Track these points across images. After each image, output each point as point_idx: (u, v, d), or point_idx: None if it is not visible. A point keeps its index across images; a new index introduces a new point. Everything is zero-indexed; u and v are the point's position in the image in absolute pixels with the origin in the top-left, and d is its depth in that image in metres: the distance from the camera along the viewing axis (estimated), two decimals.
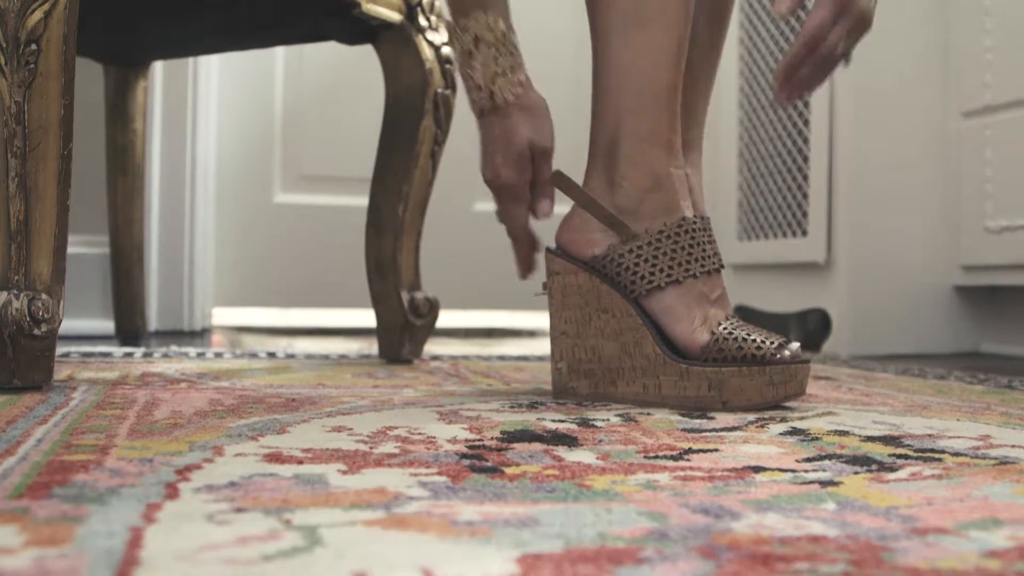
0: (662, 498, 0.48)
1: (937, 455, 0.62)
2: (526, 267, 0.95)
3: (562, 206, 0.88)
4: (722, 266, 0.87)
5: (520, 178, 0.89)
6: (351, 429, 0.68)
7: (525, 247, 0.94)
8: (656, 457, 0.60)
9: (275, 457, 0.57)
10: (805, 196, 1.71)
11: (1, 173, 0.86)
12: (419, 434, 0.66)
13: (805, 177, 1.72)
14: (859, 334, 1.62)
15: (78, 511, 0.42)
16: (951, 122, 1.66)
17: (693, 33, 0.89)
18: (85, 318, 1.71)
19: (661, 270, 0.85)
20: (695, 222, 0.86)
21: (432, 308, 1.30)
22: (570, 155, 1.01)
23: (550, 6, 2.22)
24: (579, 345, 0.87)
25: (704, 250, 0.86)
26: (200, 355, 1.29)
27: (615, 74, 0.86)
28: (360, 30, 1.28)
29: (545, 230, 0.93)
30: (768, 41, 1.82)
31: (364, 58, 1.45)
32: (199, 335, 1.81)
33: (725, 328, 0.83)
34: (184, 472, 0.52)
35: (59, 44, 0.86)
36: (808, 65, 0.87)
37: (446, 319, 1.81)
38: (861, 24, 0.87)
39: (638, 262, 0.85)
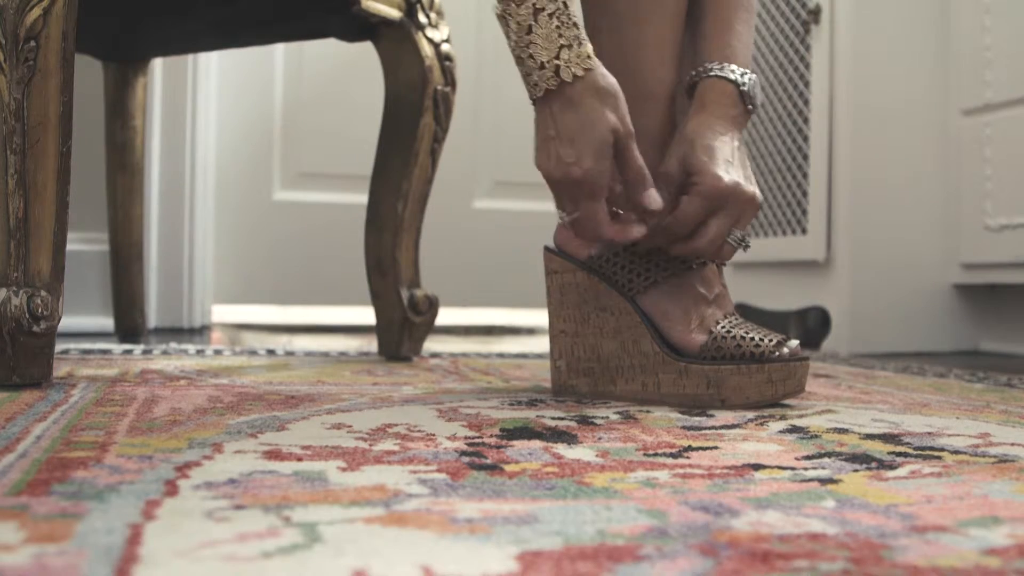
0: (661, 496, 0.48)
1: (937, 453, 0.62)
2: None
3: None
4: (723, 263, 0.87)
5: (606, 170, 0.77)
6: (351, 426, 0.68)
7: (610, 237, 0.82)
8: (655, 455, 0.60)
9: (274, 454, 0.57)
10: (805, 194, 1.71)
11: (0, 170, 0.85)
12: (418, 431, 0.66)
13: (805, 175, 1.72)
14: (858, 332, 1.62)
15: (77, 508, 0.42)
16: (951, 120, 1.66)
17: None
18: (84, 315, 1.71)
19: (657, 264, 0.85)
20: None
21: (431, 305, 1.30)
22: None
23: None
24: (578, 343, 0.87)
25: None
26: (199, 352, 1.29)
27: (611, 70, 0.85)
28: (360, 27, 1.28)
29: (546, 230, 0.92)
30: (768, 40, 1.82)
31: (364, 55, 1.45)
32: (198, 332, 1.81)
33: (723, 327, 0.83)
34: (183, 469, 0.52)
35: (58, 41, 0.86)
36: (680, 248, 0.82)
37: (445, 316, 1.81)
38: (750, 209, 0.82)
39: (633, 259, 0.85)
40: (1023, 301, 1.64)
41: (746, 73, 0.85)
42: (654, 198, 0.80)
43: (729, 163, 0.81)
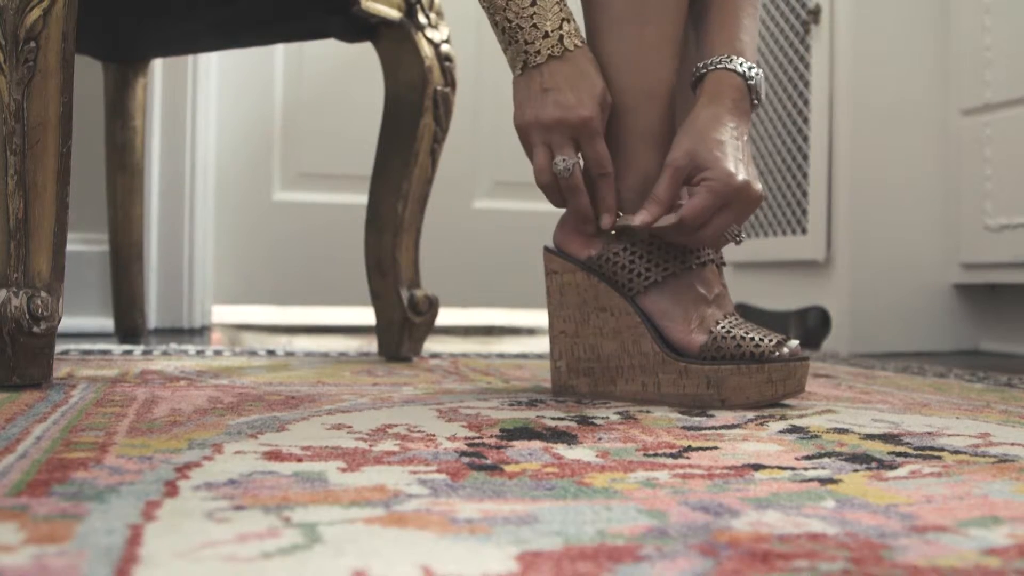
0: (661, 496, 0.48)
1: (936, 453, 0.62)
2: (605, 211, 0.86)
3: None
4: (722, 262, 0.87)
5: (600, 115, 0.83)
6: (350, 427, 0.68)
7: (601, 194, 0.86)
8: (656, 455, 0.60)
9: (274, 455, 0.57)
10: (805, 194, 1.71)
11: (0, 171, 0.85)
12: (418, 432, 0.66)
13: (805, 175, 1.72)
14: (858, 332, 1.62)
15: (77, 509, 0.42)
16: (951, 120, 1.66)
17: None
18: (84, 316, 1.71)
19: (657, 264, 0.85)
20: None
21: (431, 306, 1.30)
22: None
23: None
24: (578, 344, 0.87)
25: None
26: (199, 353, 1.29)
27: (610, 72, 0.85)
28: (359, 27, 1.28)
29: (546, 230, 0.92)
30: (768, 40, 1.82)
31: (363, 56, 1.45)
32: (198, 333, 1.81)
33: (723, 327, 0.83)
34: (184, 470, 0.52)
35: (58, 42, 0.86)
36: (679, 238, 0.83)
37: (445, 317, 1.81)
38: (754, 206, 0.83)
39: (633, 259, 0.85)
40: (1023, 301, 1.64)
41: (753, 67, 0.85)
42: (609, 203, 0.85)
43: (739, 160, 0.82)
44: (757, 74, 0.85)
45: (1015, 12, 1.54)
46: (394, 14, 1.24)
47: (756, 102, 0.86)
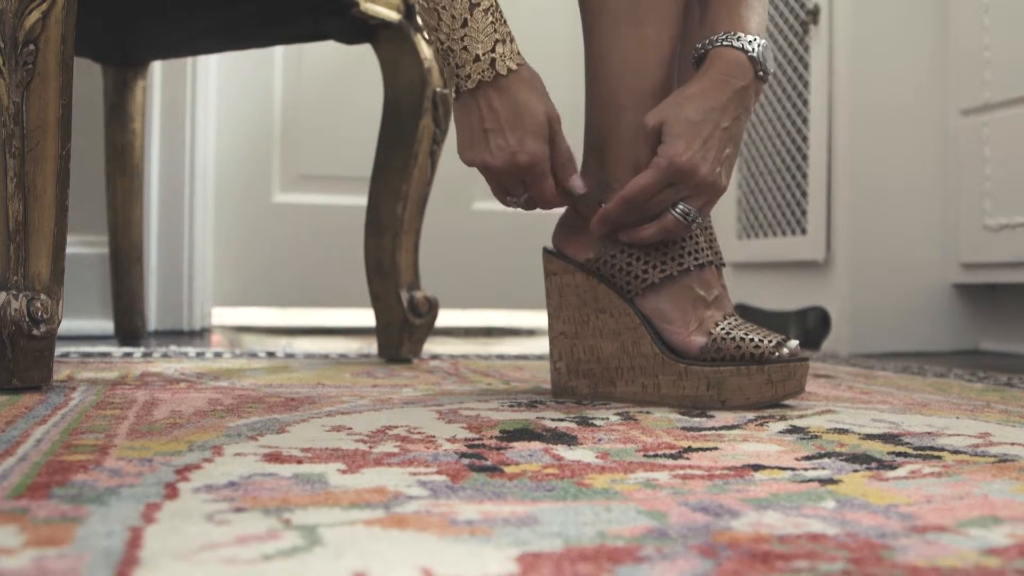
0: (661, 497, 0.48)
1: (936, 453, 0.62)
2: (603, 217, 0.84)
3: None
4: (722, 263, 0.87)
5: (546, 150, 0.81)
6: (350, 428, 0.68)
7: (584, 207, 0.85)
8: (655, 456, 0.60)
9: (274, 457, 0.56)
10: (804, 194, 1.71)
11: (0, 173, 0.85)
12: (418, 433, 0.66)
13: (804, 175, 1.72)
14: (858, 332, 1.62)
15: (77, 511, 0.42)
16: (950, 120, 1.66)
17: None
18: (84, 318, 1.71)
19: (654, 266, 0.84)
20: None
21: (431, 307, 1.30)
22: None
23: (546, 6, 2.22)
24: (578, 345, 0.87)
25: (697, 243, 0.85)
26: (199, 355, 1.29)
27: (607, 71, 0.85)
28: (359, 29, 1.28)
29: (545, 232, 0.92)
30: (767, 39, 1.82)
31: (363, 57, 1.45)
32: (198, 335, 1.81)
33: (723, 328, 0.83)
34: (183, 472, 0.52)
35: (57, 44, 0.86)
36: (633, 219, 0.83)
37: (445, 318, 1.81)
38: (706, 192, 0.82)
39: (631, 261, 0.85)
40: (1023, 301, 1.64)
41: (755, 40, 0.83)
42: (577, 183, 0.84)
43: (703, 140, 0.81)
44: (761, 46, 0.83)
45: (1014, 12, 1.54)
46: (393, 16, 1.24)
47: (762, 74, 0.84)
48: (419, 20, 1.26)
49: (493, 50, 0.79)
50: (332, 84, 2.14)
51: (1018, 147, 1.53)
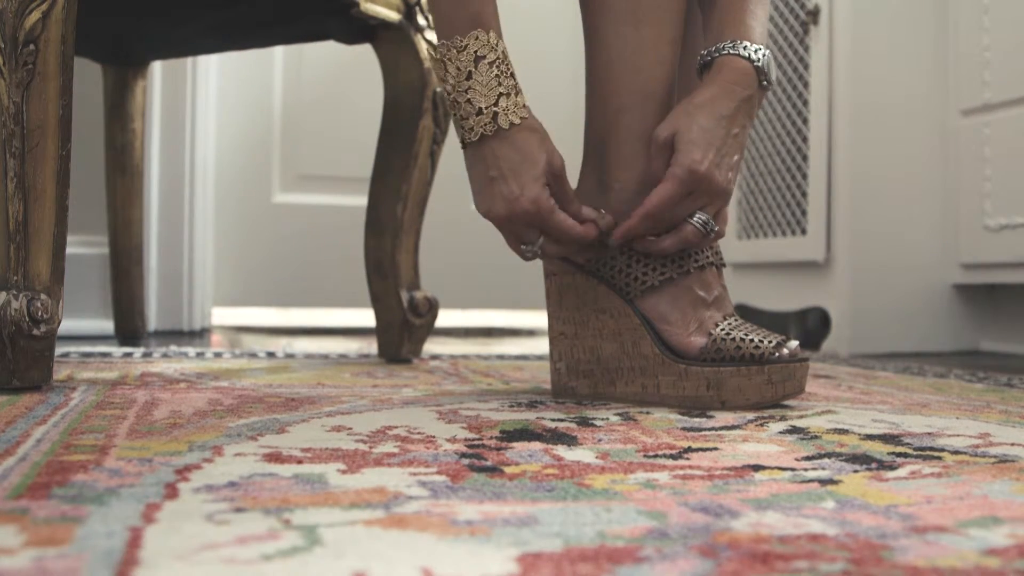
0: (661, 497, 0.48)
1: (936, 453, 0.62)
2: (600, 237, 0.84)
3: None
4: (722, 264, 0.87)
5: (547, 193, 0.80)
6: (350, 428, 0.68)
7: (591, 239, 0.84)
8: (655, 456, 0.60)
9: (274, 457, 0.56)
10: (804, 195, 1.71)
11: (0, 174, 0.86)
12: (418, 433, 0.66)
13: (804, 176, 1.72)
14: (858, 332, 1.62)
15: (77, 511, 0.42)
16: (950, 120, 1.66)
17: None
18: (84, 318, 1.71)
19: (654, 268, 0.84)
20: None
21: (431, 307, 1.30)
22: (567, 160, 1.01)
23: (547, 9, 2.22)
24: (577, 346, 0.87)
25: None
26: (199, 355, 1.29)
27: (608, 72, 0.85)
28: (359, 29, 1.28)
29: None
30: (767, 39, 1.82)
31: (363, 58, 1.45)
32: (198, 335, 1.81)
33: (723, 328, 0.83)
34: (183, 472, 0.52)
35: (57, 44, 0.86)
36: (652, 232, 0.83)
37: (445, 318, 1.81)
38: (718, 199, 0.82)
39: (630, 263, 0.85)
40: (1023, 301, 1.64)
41: (759, 49, 0.84)
42: (591, 212, 0.83)
43: (716, 148, 0.81)
44: (764, 55, 0.84)
45: (1014, 12, 1.54)
46: (393, 16, 1.24)
47: (766, 83, 0.84)
48: (419, 20, 1.26)
49: (496, 104, 0.79)
50: (332, 84, 2.14)
51: (1018, 147, 1.53)
